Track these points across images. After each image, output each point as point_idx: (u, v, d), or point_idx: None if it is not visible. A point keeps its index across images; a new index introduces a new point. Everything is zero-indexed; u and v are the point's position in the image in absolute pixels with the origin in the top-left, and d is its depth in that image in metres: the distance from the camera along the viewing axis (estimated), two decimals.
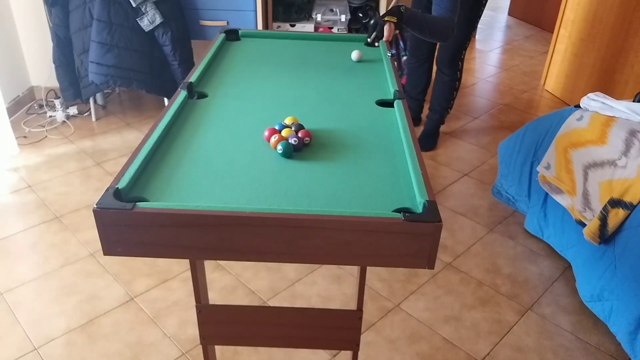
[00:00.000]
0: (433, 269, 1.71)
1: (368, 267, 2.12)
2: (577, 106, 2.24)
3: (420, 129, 3.33)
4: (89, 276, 2.16)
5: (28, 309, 2.00)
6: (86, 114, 3.47)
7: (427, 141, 3.20)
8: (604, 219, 1.82)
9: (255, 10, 3.21)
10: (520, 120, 3.60)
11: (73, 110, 3.42)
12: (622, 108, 2.01)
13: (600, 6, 3.45)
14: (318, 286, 2.14)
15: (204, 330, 1.46)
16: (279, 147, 1.28)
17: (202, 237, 1.05)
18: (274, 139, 1.31)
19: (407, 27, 2.02)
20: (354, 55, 1.90)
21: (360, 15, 3.75)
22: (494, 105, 3.82)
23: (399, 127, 1.41)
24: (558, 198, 2.14)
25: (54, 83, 3.45)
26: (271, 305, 2.04)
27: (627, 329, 1.74)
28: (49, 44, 3.33)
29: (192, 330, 1.93)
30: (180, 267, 2.22)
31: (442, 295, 2.12)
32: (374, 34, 1.98)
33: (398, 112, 1.48)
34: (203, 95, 1.60)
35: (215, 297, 2.08)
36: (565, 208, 2.13)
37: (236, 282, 2.15)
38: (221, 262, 2.25)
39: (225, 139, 1.36)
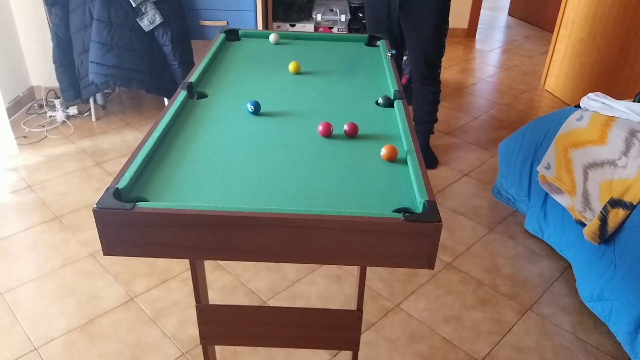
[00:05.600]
0: (433, 269, 1.71)
1: (368, 267, 2.12)
2: (577, 106, 2.23)
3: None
4: (89, 276, 2.16)
5: (28, 309, 2.00)
6: (86, 114, 3.47)
7: (426, 159, 3.00)
8: (604, 219, 1.82)
9: (255, 10, 3.21)
10: (520, 120, 3.60)
11: (73, 110, 3.42)
12: (622, 108, 2.01)
13: (600, 6, 3.45)
14: (318, 286, 2.14)
15: (204, 330, 1.46)
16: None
17: (202, 237, 1.05)
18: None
19: None
20: (272, 38, 2.03)
21: (360, 15, 3.75)
22: (494, 105, 3.82)
23: (399, 127, 1.41)
24: (558, 198, 2.14)
25: (54, 83, 3.45)
26: (271, 305, 2.04)
27: (627, 329, 1.74)
28: (49, 44, 3.33)
29: (192, 330, 1.93)
30: (180, 267, 2.22)
31: (442, 295, 2.12)
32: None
33: (398, 112, 1.48)
34: (203, 95, 1.60)
35: (215, 297, 2.08)
36: (565, 208, 2.13)
37: (236, 282, 2.15)
38: (221, 262, 2.25)
39: (225, 139, 1.36)
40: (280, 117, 1.49)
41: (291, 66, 1.77)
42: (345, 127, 1.38)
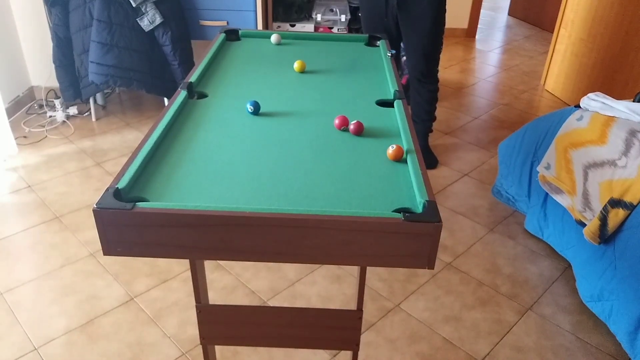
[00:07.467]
0: (433, 269, 1.71)
1: (368, 267, 2.12)
2: (577, 106, 2.23)
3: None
4: (89, 276, 2.16)
5: (28, 309, 2.00)
6: (86, 114, 3.47)
7: (425, 159, 3.00)
8: (604, 219, 1.82)
9: (255, 10, 3.21)
10: (520, 120, 3.60)
11: (73, 110, 3.42)
12: (622, 108, 2.01)
13: (600, 6, 3.45)
14: (318, 286, 2.14)
15: (204, 330, 1.46)
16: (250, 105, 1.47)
17: (202, 237, 1.05)
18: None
19: None
20: (273, 38, 2.05)
21: (360, 15, 3.75)
22: (494, 105, 3.82)
23: (399, 127, 1.41)
24: (558, 198, 2.14)
25: (54, 83, 3.45)
26: (271, 305, 2.04)
27: (627, 329, 1.74)
28: (49, 44, 3.33)
29: (192, 330, 1.93)
30: (180, 267, 2.22)
31: (442, 295, 2.12)
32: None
33: (398, 112, 1.48)
34: (203, 95, 1.60)
35: (215, 297, 2.08)
36: (565, 208, 2.13)
37: (236, 282, 2.15)
38: (221, 262, 2.25)
39: (225, 139, 1.36)
40: (280, 116, 1.49)
41: (296, 64, 1.79)
42: (351, 126, 1.39)
